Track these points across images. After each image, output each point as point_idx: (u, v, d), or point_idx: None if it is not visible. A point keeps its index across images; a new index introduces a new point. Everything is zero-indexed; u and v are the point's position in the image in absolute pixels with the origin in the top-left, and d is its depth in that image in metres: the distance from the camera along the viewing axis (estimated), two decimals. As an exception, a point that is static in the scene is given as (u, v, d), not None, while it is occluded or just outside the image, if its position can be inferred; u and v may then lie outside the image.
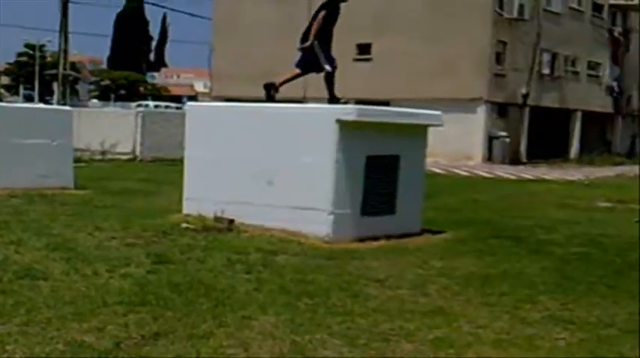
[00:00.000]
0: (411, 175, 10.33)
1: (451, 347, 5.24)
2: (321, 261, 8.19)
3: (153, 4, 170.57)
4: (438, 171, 25.18)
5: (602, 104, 40.91)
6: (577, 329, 5.86)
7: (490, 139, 32.59)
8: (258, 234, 9.39)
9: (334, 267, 7.91)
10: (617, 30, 41.54)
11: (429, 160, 27.83)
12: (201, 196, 10.30)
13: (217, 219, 9.82)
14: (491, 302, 6.60)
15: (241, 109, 10.86)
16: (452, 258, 8.75)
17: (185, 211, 10.49)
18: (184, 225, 9.73)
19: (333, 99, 10.52)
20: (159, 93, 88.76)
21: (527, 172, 27.56)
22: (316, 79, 11.13)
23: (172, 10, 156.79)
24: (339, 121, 9.33)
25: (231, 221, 9.77)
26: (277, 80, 10.77)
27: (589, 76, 39.78)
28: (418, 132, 10.53)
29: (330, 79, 10.65)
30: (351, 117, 9.38)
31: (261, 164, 9.91)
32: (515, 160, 33.18)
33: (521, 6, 33.11)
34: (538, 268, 8.32)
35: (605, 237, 10.97)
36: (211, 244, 8.66)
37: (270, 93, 10.69)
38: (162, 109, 45.51)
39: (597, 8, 40.17)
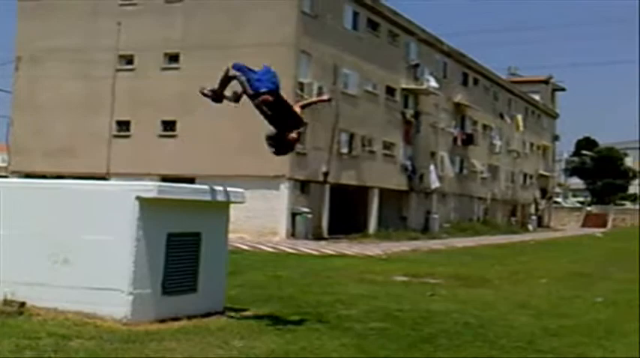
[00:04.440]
0: (213, 252, 10.25)
1: None
2: (118, 344, 7.87)
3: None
4: (243, 247, 25.27)
5: (398, 182, 43.01)
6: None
7: (293, 215, 33.21)
8: (52, 318, 8.89)
9: (132, 350, 7.63)
10: (409, 112, 44.13)
11: (234, 236, 27.99)
12: (-10, 278, 9.64)
13: (7, 302, 9.22)
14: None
15: (37, 186, 10.43)
16: (253, 336, 8.70)
17: (-28, 294, 9.78)
18: (-31, 309, 9.05)
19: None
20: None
21: (328, 247, 28.20)
22: (120, 156, 10.89)
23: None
24: (139, 198, 9.15)
25: (22, 304, 9.20)
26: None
27: (384, 155, 41.77)
28: (220, 209, 10.50)
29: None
30: (151, 195, 9.22)
31: (58, 243, 9.46)
32: (317, 235, 33.95)
33: (319, 88, 34.40)
34: (337, 344, 8.45)
35: (401, 312, 11.37)
36: (-1, 329, 8.10)
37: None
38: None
39: (390, 91, 42.55)
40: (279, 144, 9.87)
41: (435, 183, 45.95)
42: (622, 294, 15.28)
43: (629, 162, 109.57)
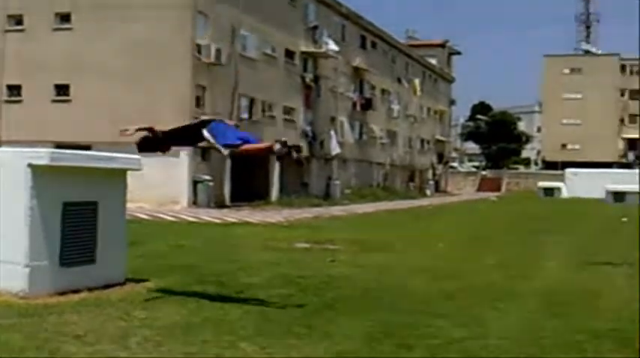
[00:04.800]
0: (111, 222, 10.05)
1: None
2: (15, 319, 7.68)
3: None
4: (143, 216, 24.90)
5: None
6: (275, 372, 6.04)
7: (194, 183, 32.89)
8: (-57, 293, 8.59)
9: (30, 324, 7.46)
10: (309, 76, 44.16)
11: (133, 206, 27.57)
12: None
13: None
14: (193, 352, 6.60)
15: None
16: (155, 307, 8.63)
17: None
18: None
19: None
20: None
21: (231, 215, 28.14)
22: (11, 122, 10.46)
23: None
24: (30, 166, 8.87)
25: None
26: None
27: (285, 120, 41.76)
28: (116, 177, 10.28)
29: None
30: (43, 162, 8.93)
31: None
32: (219, 204, 33.78)
33: (218, 51, 34.00)
34: (240, 313, 8.48)
35: (303, 278, 11.49)
36: None
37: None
38: None
39: (290, 55, 42.46)
40: None
41: (335, 149, 46.30)
42: (514, 256, 15.86)
43: (522, 126, 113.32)
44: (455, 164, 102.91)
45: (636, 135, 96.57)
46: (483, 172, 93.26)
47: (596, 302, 10.19)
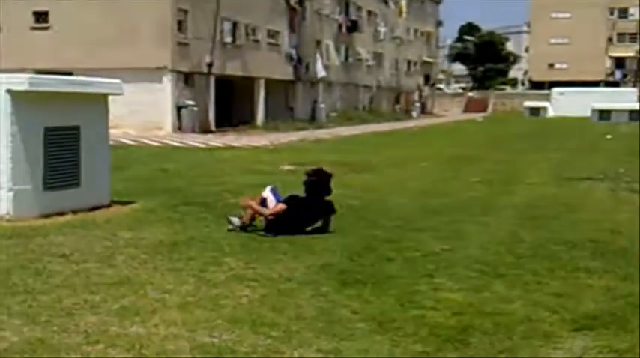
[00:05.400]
0: (94, 146, 10.09)
1: (137, 314, 5.26)
2: (2, 240, 7.77)
3: None
4: (128, 142, 24.89)
5: (284, 72, 42.80)
6: (259, 285, 6.17)
7: (179, 109, 32.72)
8: None
9: (16, 245, 7.56)
10: (294, -1, 43.51)
11: (118, 132, 27.46)
12: None
13: None
14: (179, 268, 6.73)
15: None
16: (141, 228, 8.74)
17: None
18: None
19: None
20: None
21: (216, 140, 28.11)
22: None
23: None
24: (10, 92, 8.83)
25: None
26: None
27: (269, 44, 41.26)
28: (98, 101, 10.26)
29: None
30: (22, 87, 8.90)
31: None
32: (204, 129, 33.66)
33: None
34: (225, 231, 8.58)
35: (287, 198, 11.58)
36: None
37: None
38: None
39: (274, -23, 41.67)
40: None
41: (321, 73, 45.99)
42: (497, 174, 16.02)
43: (510, 46, 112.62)
44: (442, 86, 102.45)
45: (624, 54, 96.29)
46: (470, 93, 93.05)
47: (574, 215, 10.38)
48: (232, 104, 39.64)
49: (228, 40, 36.42)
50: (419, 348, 4.74)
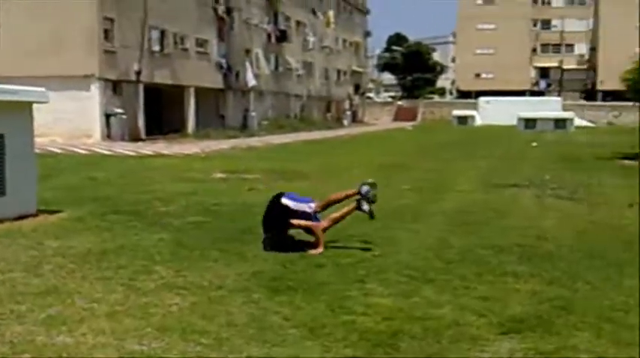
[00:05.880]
0: (20, 155, 9.89)
1: (64, 324, 5.17)
2: None
3: None
4: (56, 150, 24.40)
5: (214, 80, 42.58)
6: (190, 293, 6.13)
7: (107, 117, 32.24)
8: None
9: (-63, 256, 7.33)
10: (221, 8, 43.33)
11: (45, 140, 26.91)
12: None
13: None
14: (108, 276, 6.63)
15: None
16: (68, 236, 8.59)
17: None
18: None
19: None
20: None
21: (146, 148, 27.78)
22: None
23: None
24: None
25: None
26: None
27: (198, 52, 41.01)
28: (23, 110, 10.06)
29: None
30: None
31: None
32: (134, 137, 33.21)
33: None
34: (155, 240, 8.51)
35: (219, 206, 11.56)
36: None
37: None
38: None
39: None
40: None
41: (251, 81, 45.93)
42: (427, 181, 16.24)
43: (437, 56, 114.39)
44: (371, 95, 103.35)
45: (548, 64, 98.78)
46: (399, 102, 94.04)
47: (502, 220, 10.60)
48: (162, 112, 39.26)
49: (157, 48, 36.08)
50: (349, 353, 4.78)
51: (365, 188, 8.52)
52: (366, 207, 8.41)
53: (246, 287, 6.37)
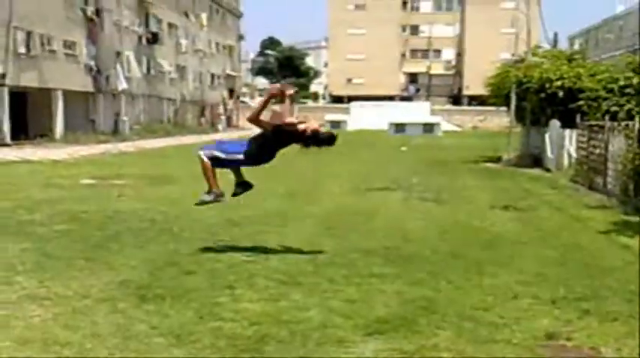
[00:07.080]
0: None
1: None
2: None
3: None
4: None
5: (83, 83, 41.42)
6: (53, 304, 5.98)
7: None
8: None
9: None
10: (90, 9, 42.23)
11: None
12: None
13: None
14: (-35, 290, 6.38)
15: None
16: None
17: None
18: None
19: None
20: None
21: (11, 154, 26.74)
22: None
23: None
24: None
25: None
26: None
27: (66, 54, 39.78)
28: None
29: None
30: None
31: None
32: (-1, 142, 31.93)
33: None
34: (18, 250, 8.24)
35: (87, 213, 11.30)
36: None
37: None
38: None
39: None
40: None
41: (122, 84, 44.94)
42: (299, 185, 16.41)
43: (310, 61, 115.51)
44: (246, 99, 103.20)
45: (416, 69, 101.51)
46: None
47: (371, 223, 10.87)
48: (29, 116, 37.91)
49: (22, 50, 34.78)
50: (216, 360, 4.80)
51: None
52: None
53: (113, 296, 6.27)
